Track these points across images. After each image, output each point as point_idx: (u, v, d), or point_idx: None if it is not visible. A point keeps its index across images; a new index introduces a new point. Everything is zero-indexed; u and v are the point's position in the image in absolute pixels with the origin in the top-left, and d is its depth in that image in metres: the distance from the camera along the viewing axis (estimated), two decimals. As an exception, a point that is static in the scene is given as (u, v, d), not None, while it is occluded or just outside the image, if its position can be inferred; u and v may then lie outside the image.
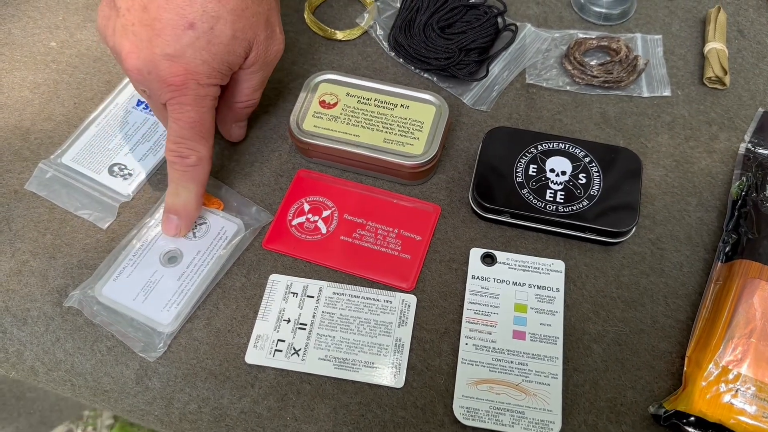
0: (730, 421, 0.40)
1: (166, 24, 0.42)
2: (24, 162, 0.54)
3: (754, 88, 0.57)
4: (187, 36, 0.42)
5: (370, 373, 0.45)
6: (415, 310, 0.47)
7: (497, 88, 0.57)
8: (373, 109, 0.53)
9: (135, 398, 0.45)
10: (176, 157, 0.46)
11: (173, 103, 0.44)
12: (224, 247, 0.49)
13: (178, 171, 0.47)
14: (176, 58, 0.42)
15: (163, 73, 0.43)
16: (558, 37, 0.60)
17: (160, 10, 0.42)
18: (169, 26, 0.42)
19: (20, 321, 0.47)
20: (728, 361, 0.42)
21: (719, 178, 0.53)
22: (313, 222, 0.51)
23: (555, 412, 0.43)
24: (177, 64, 0.43)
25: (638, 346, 0.46)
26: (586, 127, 0.55)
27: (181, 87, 0.43)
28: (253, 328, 0.47)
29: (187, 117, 0.45)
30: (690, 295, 0.48)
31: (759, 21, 0.61)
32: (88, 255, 0.50)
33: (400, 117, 0.52)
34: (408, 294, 0.48)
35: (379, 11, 0.62)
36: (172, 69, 0.43)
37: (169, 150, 0.46)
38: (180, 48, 0.42)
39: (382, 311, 0.47)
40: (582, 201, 0.49)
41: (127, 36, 0.43)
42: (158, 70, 0.43)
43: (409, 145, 0.51)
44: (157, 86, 0.43)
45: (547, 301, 0.47)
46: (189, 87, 0.43)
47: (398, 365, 0.45)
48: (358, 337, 0.46)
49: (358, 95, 0.53)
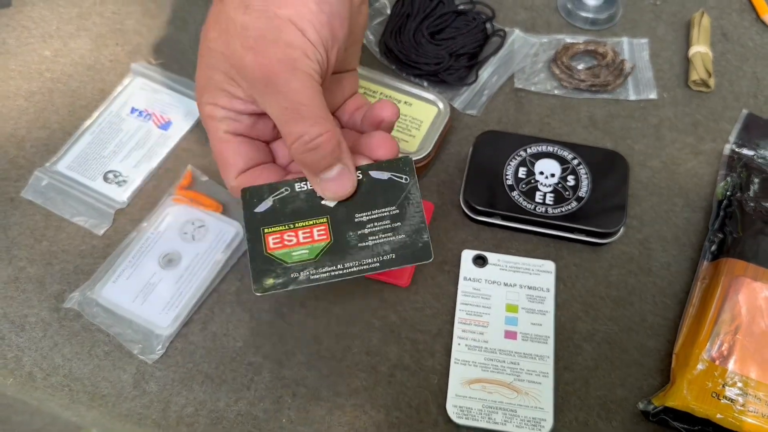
0: (717, 415, 0.41)
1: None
2: (19, 170, 0.54)
3: (738, 90, 0.58)
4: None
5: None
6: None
7: (487, 92, 0.58)
8: None
9: (132, 402, 0.45)
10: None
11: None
12: (222, 250, 0.50)
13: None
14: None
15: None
16: (546, 42, 0.61)
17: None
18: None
19: (18, 327, 0.48)
20: (714, 357, 0.43)
21: (705, 179, 0.54)
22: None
23: (546, 409, 0.44)
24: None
25: (627, 344, 0.47)
26: (574, 130, 0.56)
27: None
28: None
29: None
30: (677, 294, 0.49)
31: (742, 24, 0.62)
32: (85, 261, 0.50)
33: (401, 113, 0.53)
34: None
35: (370, 18, 0.63)
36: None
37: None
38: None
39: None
40: (571, 202, 0.50)
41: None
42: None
43: (405, 141, 0.52)
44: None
45: (538, 301, 0.48)
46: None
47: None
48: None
49: (366, 87, 0.55)
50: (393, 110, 0.40)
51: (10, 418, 0.92)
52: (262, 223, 0.39)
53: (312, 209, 0.39)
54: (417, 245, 0.38)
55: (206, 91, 0.39)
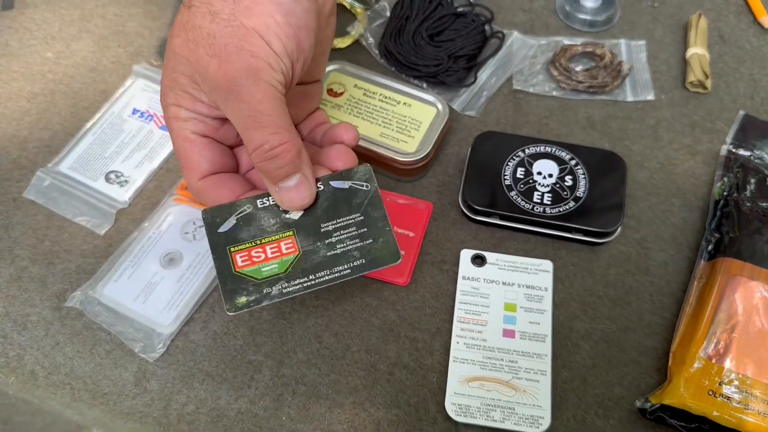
0: (714, 413, 0.42)
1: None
2: (22, 170, 0.55)
3: (734, 91, 0.59)
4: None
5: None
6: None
7: (485, 93, 0.59)
8: (377, 104, 0.54)
9: (133, 400, 0.46)
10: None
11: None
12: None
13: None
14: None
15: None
16: (544, 43, 0.62)
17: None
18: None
19: (20, 326, 0.48)
20: (711, 355, 0.43)
21: (702, 179, 0.54)
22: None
23: (544, 407, 0.44)
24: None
25: (625, 342, 0.47)
26: (572, 131, 0.57)
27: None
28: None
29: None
30: (674, 293, 0.49)
31: (739, 27, 0.63)
32: (86, 260, 0.51)
33: (401, 114, 0.54)
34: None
35: (370, 20, 0.63)
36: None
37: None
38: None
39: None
40: (569, 202, 0.50)
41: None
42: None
43: (404, 142, 0.52)
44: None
45: (536, 300, 0.48)
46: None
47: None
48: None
49: (365, 88, 0.55)
50: (353, 135, 0.42)
51: (11, 418, 0.92)
52: (227, 243, 0.40)
53: (276, 224, 0.40)
54: (384, 249, 0.39)
55: (170, 92, 0.40)
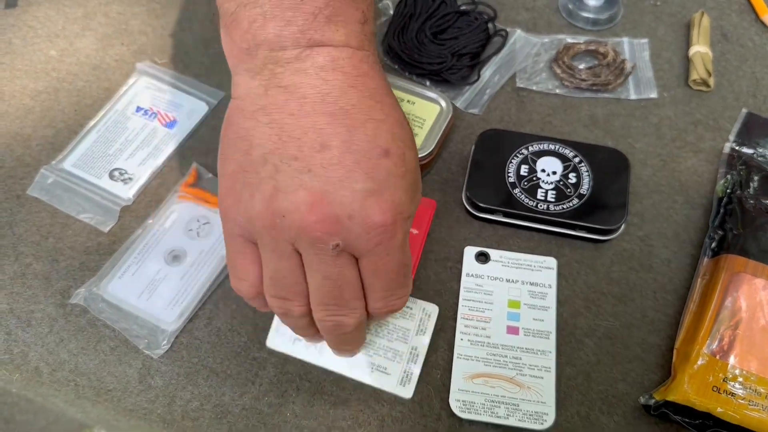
0: (718, 409, 0.42)
1: (359, 157, 0.34)
2: (26, 168, 0.55)
3: (737, 89, 0.59)
4: (385, 165, 0.34)
5: (381, 378, 0.45)
6: (435, 319, 0.47)
7: (489, 91, 0.59)
8: None
9: (138, 397, 0.46)
10: (384, 312, 0.39)
11: (378, 251, 0.35)
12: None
13: (379, 318, 0.41)
14: (380, 193, 0.34)
15: (369, 211, 0.34)
16: (547, 42, 0.62)
17: (346, 144, 0.34)
18: (365, 158, 0.34)
19: (24, 323, 0.48)
20: (715, 351, 0.43)
21: (705, 177, 0.54)
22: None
23: (549, 404, 0.44)
24: (383, 198, 0.34)
25: (628, 339, 0.47)
26: (575, 128, 0.57)
27: (392, 226, 0.35)
28: (275, 316, 0.47)
29: (396, 262, 0.36)
30: (678, 290, 0.49)
31: (741, 25, 0.63)
32: (90, 258, 0.51)
33: (404, 111, 0.53)
34: (429, 303, 0.48)
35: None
36: (380, 206, 0.34)
37: (379, 309, 0.39)
38: (382, 180, 0.34)
39: (401, 316, 0.47)
40: (572, 200, 0.50)
41: (303, 186, 0.33)
42: (363, 210, 0.34)
43: None
44: (359, 232, 0.34)
45: (540, 297, 0.48)
46: (398, 225, 0.35)
47: (410, 375, 0.45)
48: (374, 338, 0.46)
49: None
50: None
51: (14, 416, 0.92)
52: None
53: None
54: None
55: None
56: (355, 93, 0.35)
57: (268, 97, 0.35)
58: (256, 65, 0.35)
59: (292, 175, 0.34)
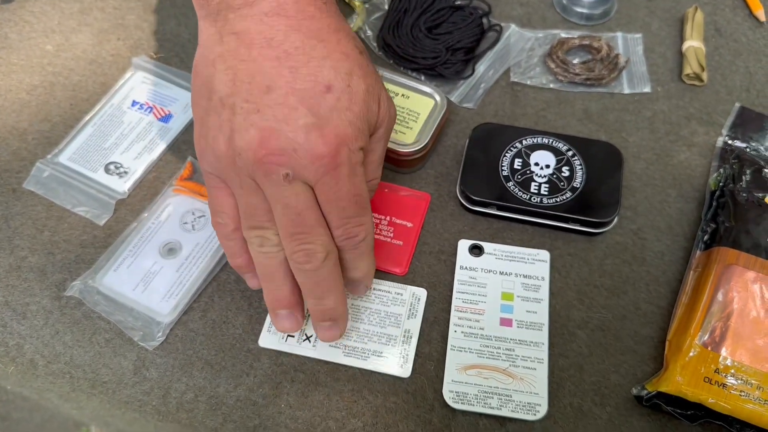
0: (709, 400, 0.42)
1: (302, 95, 0.37)
2: (22, 161, 0.55)
3: (730, 84, 0.59)
4: (328, 99, 0.38)
5: (377, 361, 0.46)
6: (424, 303, 0.48)
7: (483, 86, 0.59)
8: None
9: (133, 389, 0.46)
10: (345, 240, 0.41)
11: (326, 180, 0.38)
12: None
13: (349, 253, 0.42)
14: (322, 126, 0.37)
15: (312, 144, 0.37)
16: (541, 36, 0.62)
17: (290, 84, 0.37)
18: (308, 96, 0.37)
19: (20, 315, 0.48)
20: (707, 343, 0.43)
21: (698, 171, 0.55)
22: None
23: (541, 395, 0.44)
24: (325, 131, 0.37)
25: (621, 331, 0.48)
26: (569, 122, 0.57)
27: (335, 156, 0.38)
28: (268, 314, 0.48)
29: (345, 190, 0.39)
30: (670, 282, 0.49)
31: (735, 20, 0.63)
32: (86, 251, 0.51)
33: (399, 106, 0.54)
34: (418, 288, 0.49)
35: (369, 13, 0.64)
36: (322, 138, 0.37)
37: (338, 236, 0.41)
38: (324, 114, 0.37)
39: (392, 303, 0.48)
40: (565, 193, 0.51)
41: (254, 125, 0.37)
42: (306, 143, 0.37)
43: (402, 133, 0.53)
44: (305, 163, 0.37)
45: (533, 290, 0.49)
46: (342, 155, 0.38)
47: (406, 355, 0.46)
48: (368, 326, 0.47)
49: None
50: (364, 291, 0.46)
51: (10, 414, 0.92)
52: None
53: None
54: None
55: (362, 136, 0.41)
56: (298, 36, 0.38)
57: (223, 44, 0.38)
58: (212, 11, 0.39)
59: (245, 116, 0.37)
